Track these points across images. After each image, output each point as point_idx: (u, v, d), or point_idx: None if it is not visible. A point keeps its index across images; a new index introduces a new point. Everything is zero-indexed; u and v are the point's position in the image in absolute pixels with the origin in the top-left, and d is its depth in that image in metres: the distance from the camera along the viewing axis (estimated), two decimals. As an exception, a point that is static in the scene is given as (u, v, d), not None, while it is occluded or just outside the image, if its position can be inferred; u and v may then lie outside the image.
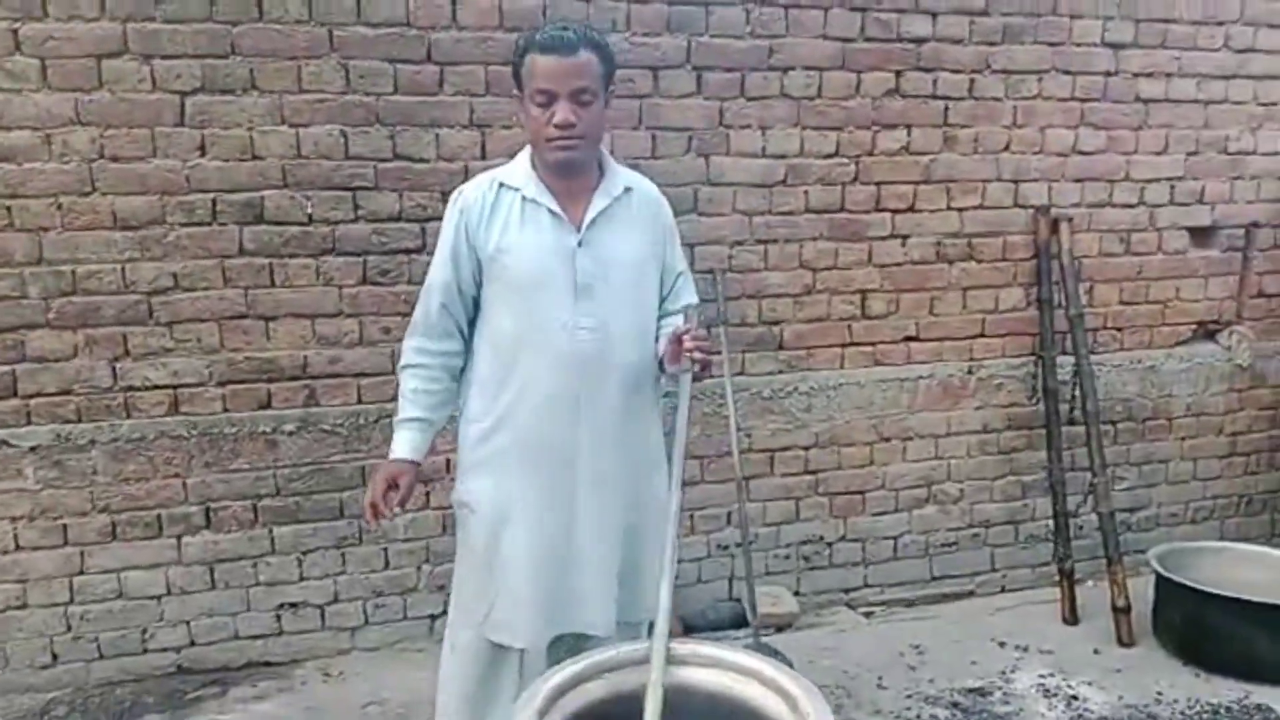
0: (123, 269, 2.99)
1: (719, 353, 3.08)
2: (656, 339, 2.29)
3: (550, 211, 2.15)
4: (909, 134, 3.57)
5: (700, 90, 3.34)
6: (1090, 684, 3.27)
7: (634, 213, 2.24)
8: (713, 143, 3.39)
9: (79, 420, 3.05)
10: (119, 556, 3.15)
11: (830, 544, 3.80)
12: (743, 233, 3.47)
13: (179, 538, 3.19)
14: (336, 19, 3.00)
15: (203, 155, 2.99)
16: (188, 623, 3.25)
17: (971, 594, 3.99)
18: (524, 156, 2.22)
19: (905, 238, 3.64)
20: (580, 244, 2.16)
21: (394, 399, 2.35)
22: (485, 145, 3.19)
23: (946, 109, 3.58)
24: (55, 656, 3.16)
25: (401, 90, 3.09)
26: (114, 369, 3.05)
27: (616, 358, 2.18)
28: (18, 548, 3.08)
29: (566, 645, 2.30)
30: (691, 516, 3.63)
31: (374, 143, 3.11)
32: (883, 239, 3.62)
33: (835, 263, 3.58)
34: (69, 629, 3.16)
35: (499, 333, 2.20)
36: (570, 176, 2.16)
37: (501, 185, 2.19)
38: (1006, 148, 3.68)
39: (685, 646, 1.77)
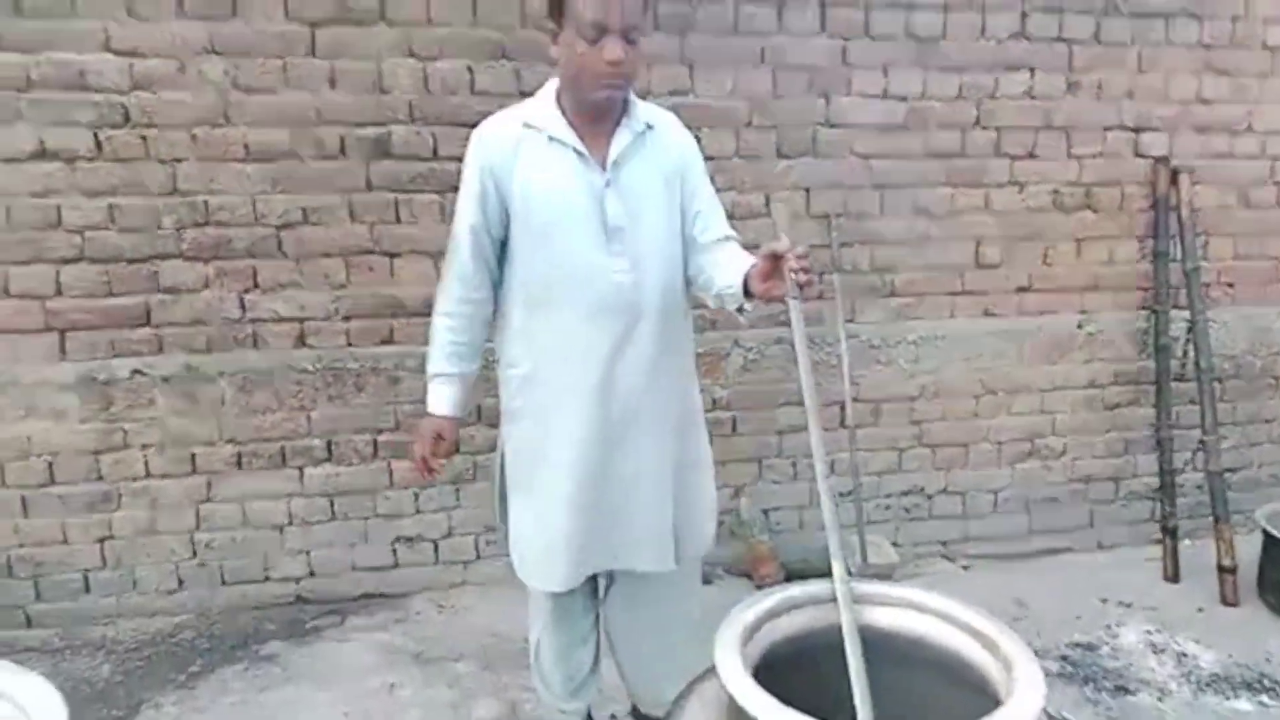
0: (254, 201, 3.03)
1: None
2: (690, 270, 2.21)
3: (576, 151, 2.07)
4: (1032, 77, 3.50)
5: (824, 28, 3.29)
6: (1197, 641, 3.24)
7: (658, 148, 2.16)
8: (834, 82, 3.35)
9: (208, 351, 3.10)
10: (243, 486, 3.22)
11: (931, 496, 3.79)
12: (860, 177, 3.44)
13: (301, 469, 3.25)
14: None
15: (333, 88, 3.01)
16: (308, 553, 3.32)
17: (1069, 550, 3.96)
18: (548, 93, 2.13)
19: (1023, 185, 3.58)
20: (608, 183, 2.08)
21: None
22: (608, 84, 3.17)
23: (1071, 52, 3.51)
24: (181, 582, 3.25)
25: (529, 23, 3.07)
26: (243, 301, 3.09)
27: (650, 297, 2.12)
28: (148, 474, 3.16)
29: (618, 584, 2.36)
30: (795, 463, 3.64)
31: (500, 78, 3.10)
32: (1000, 186, 3.56)
33: (951, 209, 3.54)
34: (195, 555, 3.24)
35: (531, 278, 2.13)
36: (603, 115, 2.08)
37: (525, 124, 2.10)
38: (1129, 94, 3.60)
39: (873, 586, 1.76)
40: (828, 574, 3.68)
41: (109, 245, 2.98)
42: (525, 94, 3.02)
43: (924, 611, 1.72)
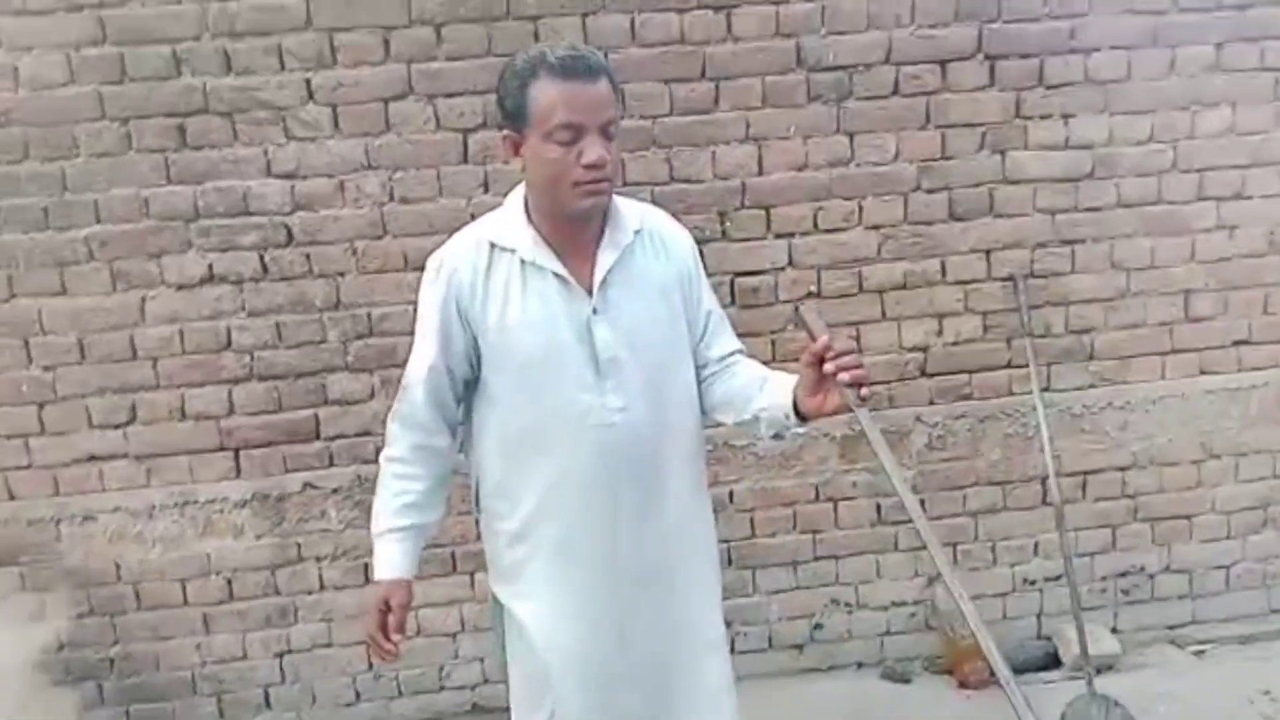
0: (413, 310, 2.99)
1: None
2: (702, 388, 1.95)
3: (556, 275, 1.78)
4: (1234, 112, 3.15)
5: (994, 82, 3.06)
6: None
7: (650, 259, 1.86)
8: (1008, 136, 3.10)
9: (377, 460, 3.06)
10: (415, 594, 3.14)
11: (1152, 575, 3.40)
12: (1045, 233, 3.16)
13: (471, 574, 3.16)
14: (610, 42, 2.91)
15: (486, 191, 2.97)
16: (481, 660, 3.23)
17: (1318, 629, 3.49)
18: (514, 207, 1.84)
19: (1233, 229, 3.22)
20: (596, 311, 1.79)
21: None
22: (763, 160, 3.04)
23: (1277, 81, 3.15)
24: (359, 694, 3.21)
25: (677, 109, 2.97)
26: (408, 409, 3.06)
27: (656, 435, 1.84)
28: (322, 587, 3.14)
29: None
30: (994, 547, 3.33)
31: (651, 167, 3.01)
32: (1207, 231, 3.21)
33: (1152, 261, 3.21)
34: (370, 667, 3.20)
35: (511, 425, 1.85)
36: (583, 227, 1.80)
37: (493, 246, 1.81)
38: (1347, 120, 3.20)
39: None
40: (1035, 669, 3.32)
41: (277, 363, 3.01)
42: (677, 180, 2.99)
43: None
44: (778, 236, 3.08)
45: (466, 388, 1.91)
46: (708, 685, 1.97)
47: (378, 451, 2.99)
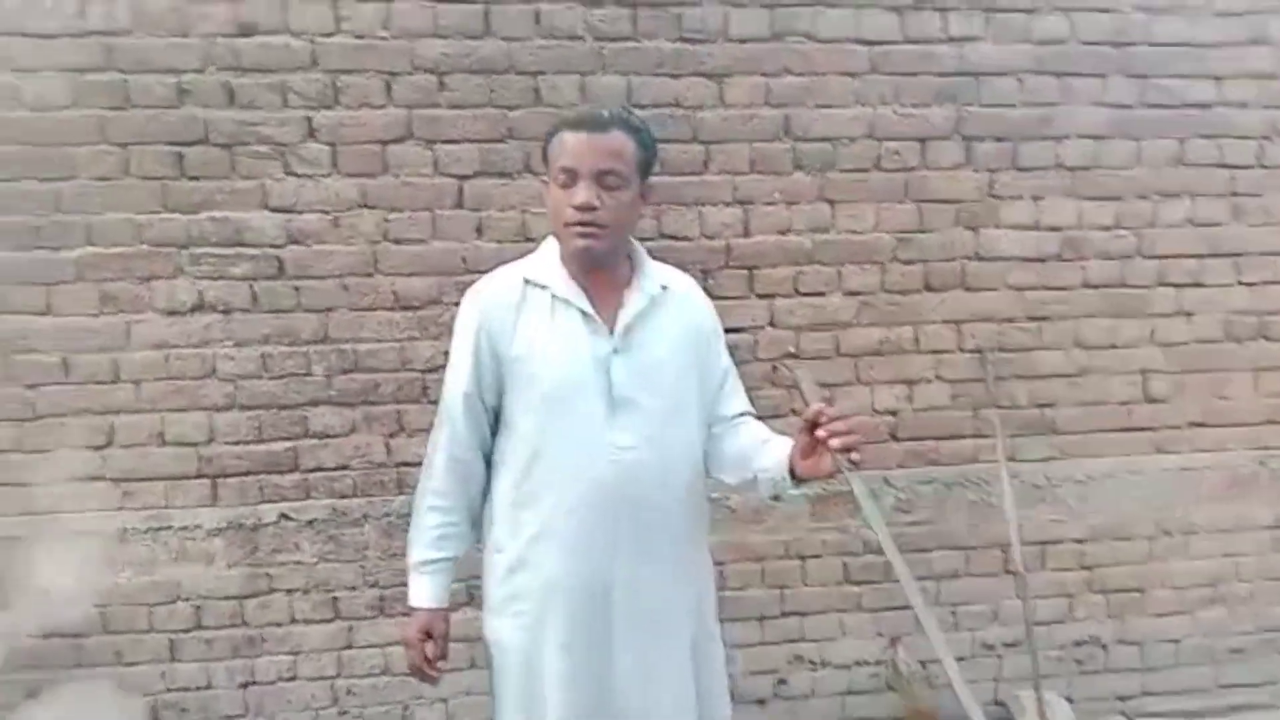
0: (401, 348, 3.06)
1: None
2: (709, 449, 2.04)
3: (582, 312, 1.90)
4: (1193, 204, 3.33)
5: (969, 161, 3.21)
6: None
7: (673, 314, 1.98)
8: (981, 214, 3.24)
9: (354, 495, 3.10)
10: (385, 632, 3.16)
11: (1105, 646, 3.49)
12: (1014, 309, 3.29)
13: (442, 614, 3.18)
14: (608, 103, 3.02)
15: (479, 237, 3.05)
16: (445, 700, 3.23)
17: (1265, 706, 3.57)
18: (550, 249, 1.99)
19: (1190, 315, 3.37)
20: (616, 350, 1.90)
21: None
22: (748, 223, 3.15)
23: (1233, 177, 3.33)
24: (319, 731, 3.20)
25: (667, 170, 3.08)
26: (388, 445, 3.10)
27: (659, 479, 1.91)
28: (292, 620, 3.14)
29: None
30: (955, 611, 3.40)
31: (640, 223, 3.09)
32: (1166, 316, 3.36)
33: (1114, 341, 3.35)
34: (335, 702, 3.18)
35: (522, 452, 1.92)
36: (594, 269, 1.91)
37: (527, 281, 1.94)
38: (1300, 219, 3.38)
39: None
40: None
41: (260, 393, 3.04)
42: (665, 236, 3.10)
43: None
44: (759, 297, 3.18)
45: (496, 418, 1.99)
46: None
47: (355, 486, 3.10)
